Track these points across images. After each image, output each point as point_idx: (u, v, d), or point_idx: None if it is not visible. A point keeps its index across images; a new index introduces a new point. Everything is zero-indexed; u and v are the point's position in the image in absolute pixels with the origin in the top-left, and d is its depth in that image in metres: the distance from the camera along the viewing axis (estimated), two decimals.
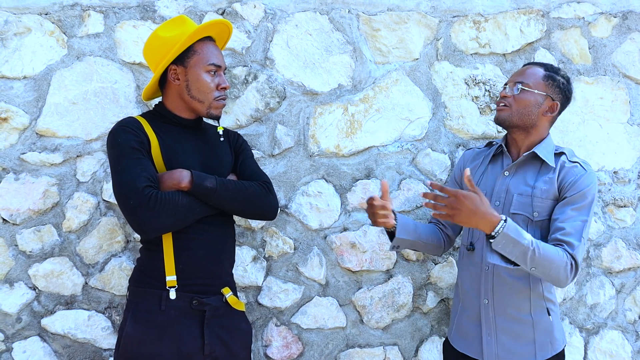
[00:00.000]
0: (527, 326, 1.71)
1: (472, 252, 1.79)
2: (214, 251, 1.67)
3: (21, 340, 1.98)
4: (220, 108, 1.73)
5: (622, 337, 2.24)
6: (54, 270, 1.99)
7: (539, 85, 1.72)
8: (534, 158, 1.74)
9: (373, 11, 2.15)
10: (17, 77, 1.97)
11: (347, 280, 2.14)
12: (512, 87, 1.74)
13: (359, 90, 2.15)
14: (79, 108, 2.00)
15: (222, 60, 1.73)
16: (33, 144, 1.98)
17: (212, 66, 1.69)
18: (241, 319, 1.73)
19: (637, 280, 2.25)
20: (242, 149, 1.84)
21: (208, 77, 1.69)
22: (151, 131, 1.65)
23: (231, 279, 1.76)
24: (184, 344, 1.58)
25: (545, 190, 1.68)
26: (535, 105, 1.72)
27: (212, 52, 1.70)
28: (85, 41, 2.01)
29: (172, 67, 1.68)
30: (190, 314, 1.61)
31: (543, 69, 1.75)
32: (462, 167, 1.93)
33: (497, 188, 1.76)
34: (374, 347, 2.14)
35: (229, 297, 1.68)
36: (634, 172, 2.25)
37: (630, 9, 2.25)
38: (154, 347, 1.56)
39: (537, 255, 1.51)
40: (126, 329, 1.60)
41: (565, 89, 1.75)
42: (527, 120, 1.73)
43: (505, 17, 2.20)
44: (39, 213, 1.98)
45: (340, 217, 2.13)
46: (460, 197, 1.48)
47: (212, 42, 1.74)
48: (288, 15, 2.11)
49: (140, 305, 1.61)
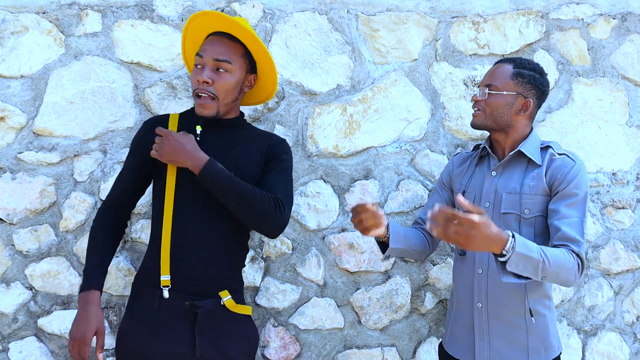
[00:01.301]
0: (521, 331, 1.68)
1: (464, 257, 1.77)
2: (212, 253, 1.65)
3: (17, 340, 1.97)
4: (198, 106, 1.65)
5: (620, 339, 2.24)
6: (51, 270, 1.98)
7: (508, 86, 1.69)
8: (521, 156, 1.72)
9: (372, 11, 2.15)
10: (14, 76, 1.97)
11: (345, 281, 2.14)
12: (482, 91, 1.72)
13: (357, 90, 2.14)
14: (76, 107, 1.99)
15: (211, 52, 1.63)
16: (30, 143, 1.97)
17: (197, 57, 1.65)
18: (243, 324, 1.70)
19: (635, 282, 2.25)
20: (273, 158, 1.74)
21: (194, 70, 1.66)
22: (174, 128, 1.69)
23: (234, 282, 1.71)
24: (173, 344, 1.58)
25: (533, 187, 1.66)
26: (507, 107, 1.69)
27: (204, 43, 1.67)
28: (83, 40, 2.00)
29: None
30: (183, 315, 1.61)
31: (512, 65, 1.71)
32: (450, 171, 1.91)
33: (485, 189, 1.74)
34: (372, 348, 2.14)
35: (226, 301, 1.65)
36: (633, 174, 2.25)
37: (629, 10, 2.25)
38: (143, 342, 1.58)
39: (547, 265, 1.46)
40: (122, 323, 1.64)
41: (537, 83, 1.70)
42: (501, 122, 1.71)
43: (505, 18, 2.20)
44: (35, 213, 1.98)
45: (339, 217, 2.13)
46: (477, 224, 1.35)
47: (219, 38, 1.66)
48: (287, 15, 2.10)
49: (136, 302, 1.65)
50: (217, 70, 1.65)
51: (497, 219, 1.70)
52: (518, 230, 1.67)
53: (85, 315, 1.55)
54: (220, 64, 1.64)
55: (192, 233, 1.63)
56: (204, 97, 1.64)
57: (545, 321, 1.70)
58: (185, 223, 1.64)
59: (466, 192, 1.78)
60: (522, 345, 1.68)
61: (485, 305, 1.72)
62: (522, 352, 1.68)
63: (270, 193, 1.65)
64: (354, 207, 1.64)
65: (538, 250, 1.46)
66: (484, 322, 1.72)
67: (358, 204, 1.63)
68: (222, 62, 1.64)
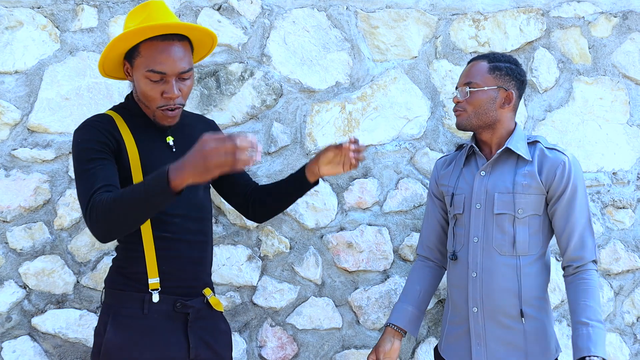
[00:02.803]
0: (518, 334, 1.66)
1: (456, 261, 1.75)
2: (196, 251, 1.61)
3: (11, 339, 1.95)
4: (167, 118, 1.53)
5: (620, 339, 2.23)
6: (45, 269, 1.96)
7: (487, 80, 1.68)
8: (509, 153, 1.70)
9: (371, 8, 2.13)
10: (9, 71, 1.94)
11: (344, 280, 2.12)
12: (463, 91, 1.70)
13: (356, 88, 2.12)
14: (71, 104, 1.97)
15: (174, 66, 1.47)
16: (24, 139, 1.95)
17: (152, 73, 1.47)
18: (221, 320, 1.68)
19: (636, 282, 2.24)
20: None
21: (149, 84, 1.48)
22: (124, 126, 1.54)
23: (210, 279, 1.70)
24: (168, 349, 1.54)
25: (526, 186, 1.64)
26: (490, 102, 1.67)
27: (158, 56, 1.47)
28: (78, 36, 1.98)
29: (124, 61, 1.55)
30: (174, 318, 1.56)
31: (486, 61, 1.70)
32: (436, 177, 1.87)
33: (475, 189, 1.71)
34: (370, 349, 2.12)
35: (210, 298, 1.63)
36: (633, 174, 2.23)
37: (630, 8, 2.24)
38: (137, 352, 1.50)
39: (600, 314, 1.58)
40: (107, 335, 1.52)
41: (515, 73, 1.69)
42: (486, 118, 1.68)
43: (505, 16, 2.19)
44: (30, 210, 1.95)
45: (337, 216, 2.11)
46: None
47: (169, 42, 1.48)
48: (285, 11, 2.09)
49: (121, 310, 1.54)
50: (181, 80, 1.52)
51: (490, 220, 1.68)
52: (512, 230, 1.65)
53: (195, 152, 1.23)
54: (185, 74, 1.51)
55: (176, 231, 1.56)
56: (176, 110, 1.53)
57: (543, 324, 1.67)
58: (165, 223, 1.55)
59: (455, 195, 1.76)
60: (520, 349, 1.66)
61: (481, 309, 1.69)
62: (520, 355, 1.66)
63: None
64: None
65: (600, 324, 1.57)
66: (481, 327, 1.69)
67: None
68: (187, 72, 1.51)
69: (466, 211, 1.72)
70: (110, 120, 1.54)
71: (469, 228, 1.71)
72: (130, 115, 1.59)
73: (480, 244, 1.69)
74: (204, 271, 1.65)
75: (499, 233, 1.66)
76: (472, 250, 1.70)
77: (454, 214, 1.76)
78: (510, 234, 1.65)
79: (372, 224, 2.12)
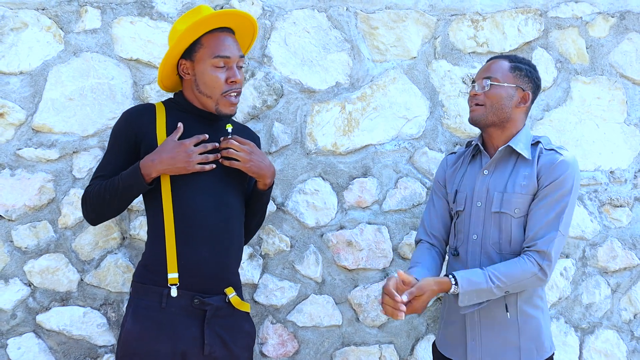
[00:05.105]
0: (513, 331, 1.67)
1: (457, 257, 1.76)
2: (219, 248, 1.62)
3: (16, 336, 1.97)
4: (230, 105, 1.65)
5: (617, 336, 2.25)
6: (50, 267, 1.98)
7: (508, 78, 1.69)
8: (512, 152, 1.71)
9: (371, 9, 2.15)
10: (14, 72, 1.96)
11: (344, 278, 2.14)
12: (481, 84, 1.71)
13: (356, 88, 2.14)
14: (75, 104, 1.99)
15: (235, 51, 1.64)
16: (29, 139, 1.97)
17: (218, 59, 1.61)
18: (244, 320, 1.69)
19: (633, 280, 2.26)
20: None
21: (215, 71, 1.62)
22: (163, 117, 1.65)
23: (237, 278, 1.71)
24: (182, 343, 1.56)
25: (524, 186, 1.65)
26: (508, 99, 1.68)
27: (220, 44, 1.62)
28: (82, 37, 2.00)
29: (181, 61, 1.66)
30: (191, 313, 1.59)
31: (507, 60, 1.72)
32: (445, 170, 1.88)
33: (477, 188, 1.72)
34: (370, 346, 2.14)
35: (232, 298, 1.64)
36: (630, 172, 2.25)
37: (627, 9, 2.26)
38: (152, 343, 1.55)
39: (502, 284, 1.58)
40: (126, 325, 1.59)
41: (533, 77, 1.72)
42: (502, 115, 1.69)
43: (504, 16, 2.20)
44: (34, 209, 1.98)
45: (337, 215, 2.13)
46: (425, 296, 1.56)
47: (226, 33, 1.65)
48: (286, 12, 2.10)
49: (141, 302, 1.60)
50: (238, 68, 1.66)
51: (489, 218, 1.70)
52: (509, 229, 1.67)
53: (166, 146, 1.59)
54: (241, 61, 1.67)
55: (199, 226, 1.60)
56: (237, 97, 1.66)
57: (538, 321, 1.69)
58: (188, 218, 1.60)
59: (458, 192, 1.78)
60: (514, 346, 1.67)
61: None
62: (513, 352, 1.67)
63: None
64: (384, 286, 1.59)
65: (486, 276, 1.57)
66: (476, 323, 1.70)
67: (386, 284, 1.58)
68: (242, 59, 1.67)
69: (467, 209, 1.74)
70: (150, 109, 1.69)
71: (469, 225, 1.73)
72: (176, 109, 1.70)
73: (479, 242, 1.71)
74: (227, 269, 1.65)
75: (497, 231, 1.68)
76: (471, 247, 1.72)
77: (456, 211, 1.78)
78: (508, 233, 1.67)
79: (371, 222, 2.15)
